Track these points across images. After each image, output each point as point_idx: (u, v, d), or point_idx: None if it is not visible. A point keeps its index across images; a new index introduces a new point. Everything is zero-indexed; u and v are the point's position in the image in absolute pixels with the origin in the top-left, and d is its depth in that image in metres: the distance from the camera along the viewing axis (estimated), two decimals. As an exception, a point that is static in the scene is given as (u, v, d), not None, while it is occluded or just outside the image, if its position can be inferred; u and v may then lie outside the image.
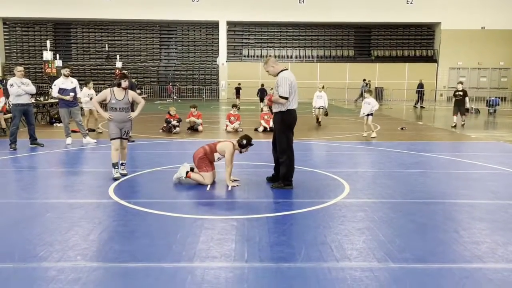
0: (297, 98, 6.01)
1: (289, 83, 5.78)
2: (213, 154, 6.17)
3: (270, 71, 6.06)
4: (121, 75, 6.58)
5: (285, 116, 5.91)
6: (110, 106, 6.51)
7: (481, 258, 3.69)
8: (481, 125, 16.19)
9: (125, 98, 6.57)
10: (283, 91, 5.77)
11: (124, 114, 6.57)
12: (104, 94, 6.54)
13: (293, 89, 5.86)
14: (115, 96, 6.49)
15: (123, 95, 6.54)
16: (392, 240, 4.05)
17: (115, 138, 6.53)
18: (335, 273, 3.35)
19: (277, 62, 6.09)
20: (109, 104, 6.50)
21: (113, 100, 6.48)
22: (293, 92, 5.85)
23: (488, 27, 33.71)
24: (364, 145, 10.15)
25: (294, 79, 5.93)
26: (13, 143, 9.05)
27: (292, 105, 5.90)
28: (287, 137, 5.97)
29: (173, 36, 37.25)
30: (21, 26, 36.05)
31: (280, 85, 5.81)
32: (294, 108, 5.95)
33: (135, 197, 5.59)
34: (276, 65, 6.02)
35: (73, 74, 10.72)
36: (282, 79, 5.81)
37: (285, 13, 33.89)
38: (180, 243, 3.93)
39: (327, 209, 5.05)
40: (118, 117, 6.51)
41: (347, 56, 36.06)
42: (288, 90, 5.77)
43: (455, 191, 6.07)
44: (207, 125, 13.69)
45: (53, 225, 4.40)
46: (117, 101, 6.48)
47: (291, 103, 5.87)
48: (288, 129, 5.99)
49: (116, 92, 6.52)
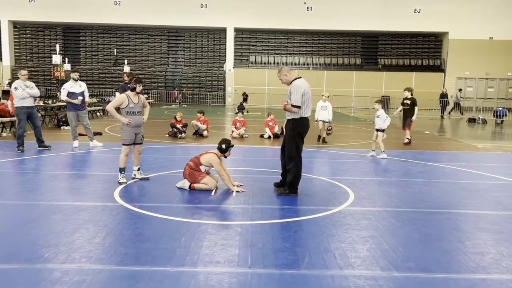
0: (311, 106, 5.97)
1: (302, 92, 5.76)
2: (198, 167, 6.17)
3: (283, 80, 6.03)
4: (136, 80, 6.62)
5: (297, 124, 5.90)
6: (128, 111, 6.52)
7: (485, 269, 3.67)
8: (488, 136, 16.10)
9: (140, 101, 6.66)
10: (295, 99, 5.77)
11: (140, 117, 6.64)
12: (121, 99, 6.55)
13: (306, 97, 5.83)
14: (132, 100, 6.55)
15: (138, 99, 6.64)
16: (396, 249, 4.04)
17: (128, 144, 6.56)
18: (338, 281, 3.34)
19: (291, 70, 6.04)
20: (127, 108, 6.51)
21: (131, 104, 6.52)
22: (306, 101, 5.83)
23: (496, 37, 33.66)
24: (369, 153, 10.11)
25: (307, 87, 5.89)
26: (21, 146, 9.12)
27: (305, 113, 5.89)
28: (297, 145, 5.93)
29: (181, 41, 37.53)
30: (31, 29, 36.50)
31: (293, 93, 5.81)
32: (306, 116, 5.93)
33: (140, 201, 5.62)
34: (289, 74, 5.99)
35: (81, 78, 10.84)
36: (295, 88, 5.80)
37: (292, 20, 34.06)
38: (184, 247, 3.94)
39: (331, 216, 5.04)
40: (135, 120, 6.56)
41: (354, 64, 36.11)
42: (301, 99, 5.76)
43: (461, 201, 6.04)
44: (213, 131, 13.73)
45: (58, 227, 4.44)
46: (134, 105, 6.55)
47: (304, 111, 5.86)
48: (299, 137, 5.95)
49: (132, 96, 6.59)
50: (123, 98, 6.53)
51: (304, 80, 5.97)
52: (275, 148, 11.01)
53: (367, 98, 33.07)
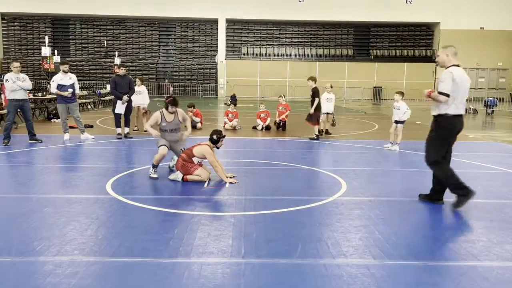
0: (464, 103, 5.02)
1: (453, 78, 4.80)
2: (191, 159, 6.16)
3: (439, 60, 5.05)
4: (169, 101, 6.59)
5: (443, 123, 4.95)
6: (161, 128, 6.59)
7: (476, 256, 3.72)
8: (479, 125, 16.24)
9: (175, 119, 6.63)
10: (444, 86, 4.83)
11: (174, 135, 6.61)
12: (155, 118, 6.60)
13: (460, 90, 4.85)
14: (165, 118, 6.57)
15: (172, 117, 6.61)
16: (389, 238, 4.07)
17: (163, 145, 6.49)
18: (331, 270, 3.37)
19: (456, 55, 4.99)
20: (160, 126, 6.58)
21: (164, 122, 6.57)
22: (459, 94, 4.85)
23: (487, 27, 33.82)
24: (361, 144, 10.16)
25: (462, 78, 4.89)
26: (6, 139, 9.02)
27: (454, 109, 4.88)
28: (438, 148, 4.98)
29: (172, 33, 37.21)
30: (20, 21, 35.95)
31: (443, 80, 4.87)
32: (456, 113, 4.90)
33: (132, 193, 5.59)
34: (450, 57, 4.96)
35: (71, 70, 10.72)
36: (445, 74, 4.87)
37: (284, 11, 33.90)
38: (177, 239, 3.94)
39: (324, 206, 5.07)
40: (168, 137, 6.57)
41: (346, 55, 36.11)
42: (450, 86, 4.79)
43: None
44: (206, 123, 13.68)
45: (50, 220, 4.41)
46: (167, 123, 6.56)
47: (451, 107, 4.87)
48: (444, 140, 4.98)
49: (166, 114, 6.59)
50: (157, 116, 6.59)
51: (461, 70, 4.96)
52: (268, 139, 11.01)
53: (359, 89, 33.16)
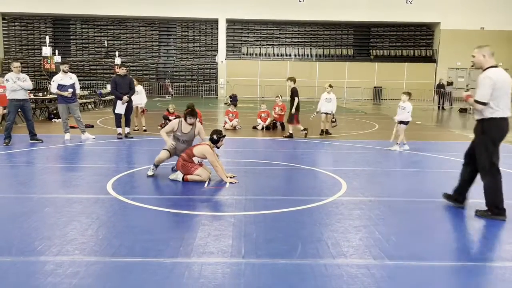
0: (510, 104, 4.67)
1: (491, 84, 4.55)
2: (191, 159, 6.17)
3: (475, 61, 4.81)
4: (188, 112, 6.52)
5: (488, 125, 4.71)
6: (175, 136, 6.57)
7: (476, 256, 3.72)
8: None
9: (191, 132, 6.59)
10: (481, 94, 4.58)
11: (185, 146, 6.54)
12: (172, 126, 6.58)
13: (501, 92, 4.59)
14: (181, 129, 6.54)
15: (189, 129, 6.57)
16: (388, 238, 4.08)
17: (165, 149, 6.49)
18: (331, 270, 3.38)
19: (492, 55, 4.74)
20: (175, 134, 6.56)
21: (179, 132, 6.54)
22: (500, 96, 4.58)
23: (488, 27, 33.75)
24: (362, 144, 10.17)
25: (503, 80, 4.64)
26: (7, 138, 9.03)
27: (500, 112, 4.62)
28: (490, 153, 4.71)
29: (173, 33, 37.18)
30: (20, 21, 35.93)
31: (480, 85, 4.64)
32: (503, 116, 4.64)
33: (133, 192, 5.61)
34: (486, 58, 4.71)
35: (72, 70, 10.73)
36: (484, 79, 4.61)
37: (284, 11, 33.86)
38: (177, 238, 3.95)
39: (324, 206, 5.08)
40: (178, 147, 6.54)
41: (346, 55, 36.06)
42: (489, 94, 4.55)
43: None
44: (205, 123, 13.68)
45: (51, 220, 4.42)
46: (182, 133, 6.54)
47: (497, 109, 4.61)
48: (492, 143, 4.72)
49: (184, 125, 6.56)
50: (175, 124, 6.57)
51: (501, 70, 4.71)
52: (268, 139, 11.02)
53: (359, 89, 33.14)
